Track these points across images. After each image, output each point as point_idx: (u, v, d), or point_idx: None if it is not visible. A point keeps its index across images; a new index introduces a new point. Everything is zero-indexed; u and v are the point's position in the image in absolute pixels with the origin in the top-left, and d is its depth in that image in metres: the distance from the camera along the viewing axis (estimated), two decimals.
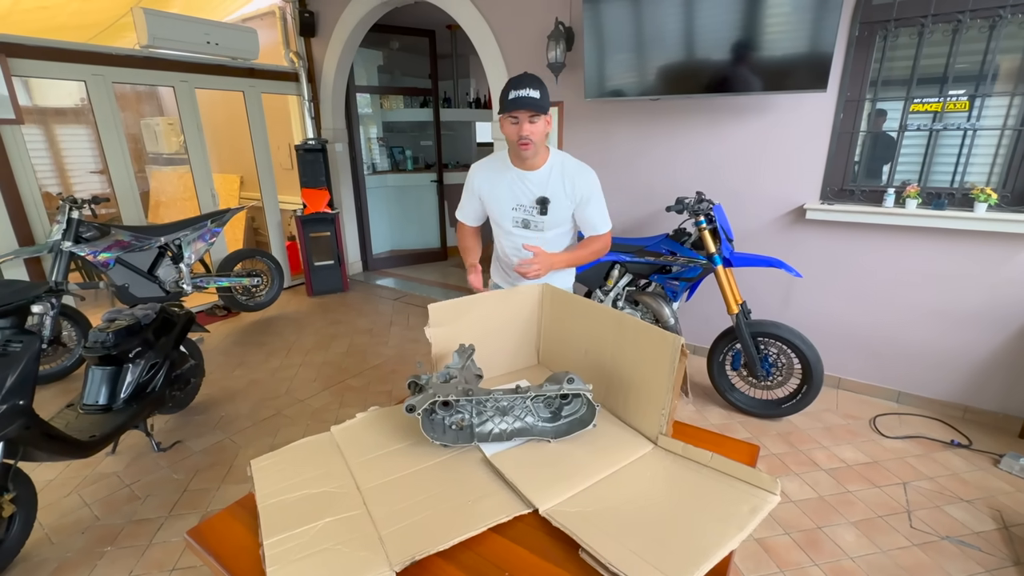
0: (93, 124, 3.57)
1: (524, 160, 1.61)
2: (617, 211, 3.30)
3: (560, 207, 1.64)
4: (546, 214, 1.64)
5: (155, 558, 1.76)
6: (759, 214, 2.86)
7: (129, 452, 2.35)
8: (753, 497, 0.87)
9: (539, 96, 1.48)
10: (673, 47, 2.65)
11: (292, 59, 4.53)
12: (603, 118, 3.21)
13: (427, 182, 5.61)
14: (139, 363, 2.19)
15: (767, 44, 2.43)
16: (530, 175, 1.63)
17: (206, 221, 3.62)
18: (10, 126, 3.13)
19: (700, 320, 3.13)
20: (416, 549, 0.80)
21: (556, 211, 1.64)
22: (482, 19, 3.50)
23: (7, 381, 1.55)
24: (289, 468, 1.01)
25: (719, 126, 2.86)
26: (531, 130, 1.51)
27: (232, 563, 0.82)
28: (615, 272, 2.78)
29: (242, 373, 3.14)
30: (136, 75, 3.70)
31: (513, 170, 1.65)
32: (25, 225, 3.26)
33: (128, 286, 3.25)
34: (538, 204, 1.63)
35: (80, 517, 1.96)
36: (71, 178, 5.52)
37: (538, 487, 0.93)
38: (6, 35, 3.08)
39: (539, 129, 1.53)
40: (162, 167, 5.58)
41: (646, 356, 1.07)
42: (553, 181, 1.63)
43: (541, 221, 1.66)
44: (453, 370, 1.12)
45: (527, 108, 1.47)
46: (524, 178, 1.64)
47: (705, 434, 1.17)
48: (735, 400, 2.60)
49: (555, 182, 1.63)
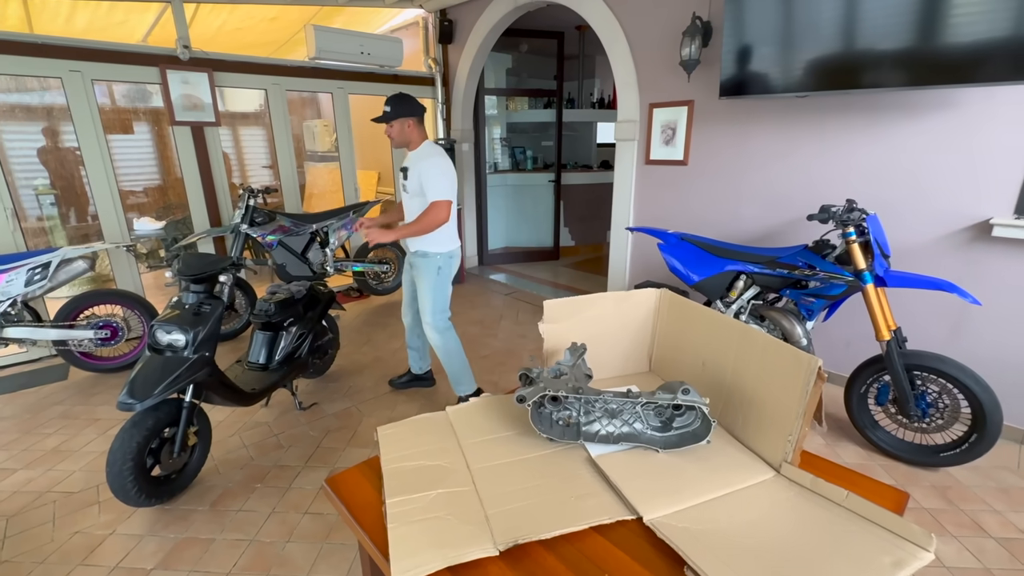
0: (268, 126, 4.20)
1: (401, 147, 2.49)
2: (745, 218, 3.06)
3: (413, 178, 2.37)
4: (407, 179, 2.41)
5: (292, 500, 2.04)
6: (925, 228, 2.45)
7: (278, 407, 2.74)
8: (898, 549, 0.76)
9: (385, 111, 2.35)
10: (829, 37, 2.37)
11: (430, 65, 4.90)
12: (737, 118, 2.99)
13: (544, 182, 5.69)
14: (291, 331, 2.54)
15: (954, 28, 2.06)
16: (409, 155, 2.45)
17: (349, 212, 4.07)
18: (211, 128, 3.82)
19: (838, 344, 2.77)
20: (519, 533, 0.83)
21: (411, 179, 2.38)
22: (613, 18, 3.46)
23: (200, 334, 1.91)
24: (409, 439, 1.11)
25: (880, 126, 2.50)
26: (389, 131, 2.40)
27: (359, 514, 0.93)
28: (739, 283, 2.58)
29: (369, 350, 3.49)
30: (304, 83, 4.28)
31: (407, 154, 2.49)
32: (215, 209, 3.96)
33: (285, 265, 3.78)
34: (402, 172, 2.45)
35: (239, 456, 2.33)
36: (248, 171, 6.56)
37: (644, 495, 0.91)
38: (213, 53, 3.76)
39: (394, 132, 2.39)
40: (316, 163, 6.37)
41: (774, 375, 0.99)
42: (414, 160, 2.39)
43: (406, 184, 2.43)
44: (564, 367, 1.14)
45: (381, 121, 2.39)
46: (407, 157, 2.47)
47: (839, 469, 1.05)
48: (877, 439, 2.27)
49: (415, 161, 2.37)
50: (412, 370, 2.91)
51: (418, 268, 2.48)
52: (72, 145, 4.37)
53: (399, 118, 2.34)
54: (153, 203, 5.76)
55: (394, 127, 2.35)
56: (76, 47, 3.24)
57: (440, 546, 0.81)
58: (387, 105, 2.34)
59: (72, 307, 2.99)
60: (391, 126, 2.35)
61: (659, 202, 3.52)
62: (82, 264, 3.02)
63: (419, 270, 2.47)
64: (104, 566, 1.74)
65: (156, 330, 1.90)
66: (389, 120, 2.35)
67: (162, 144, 5.78)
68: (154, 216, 5.31)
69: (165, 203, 5.68)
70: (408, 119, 2.35)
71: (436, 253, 2.43)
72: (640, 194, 3.62)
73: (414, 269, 2.52)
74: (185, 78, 3.62)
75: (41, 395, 2.92)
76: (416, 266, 2.49)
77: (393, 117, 2.34)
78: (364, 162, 6.10)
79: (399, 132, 2.36)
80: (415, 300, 2.66)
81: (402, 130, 2.36)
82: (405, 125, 2.36)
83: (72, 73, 3.25)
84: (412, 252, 2.50)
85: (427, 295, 2.47)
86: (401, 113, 2.33)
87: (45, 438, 2.49)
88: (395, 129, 2.36)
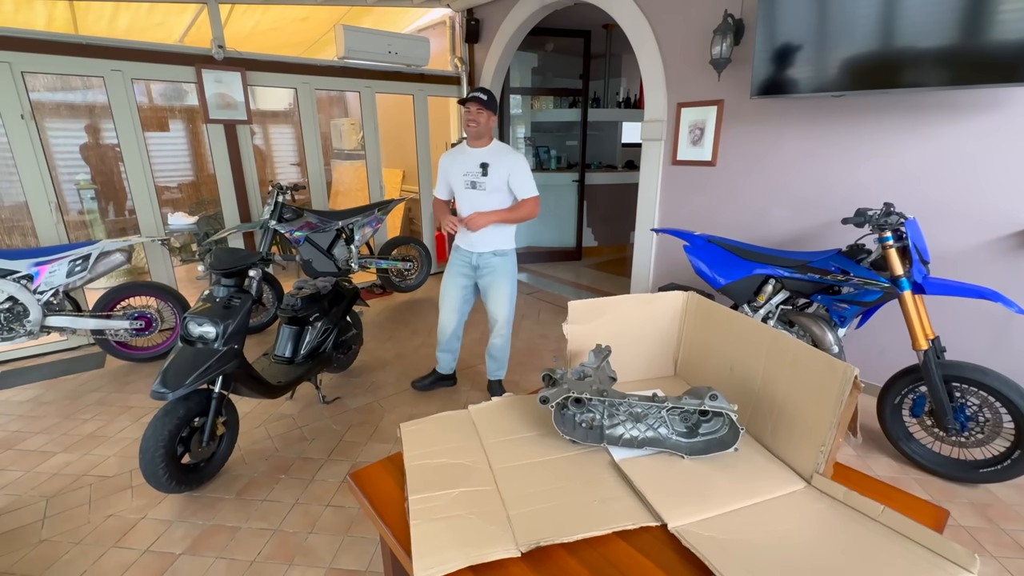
0: (297, 124, 4.29)
1: (474, 139, 2.40)
2: (776, 222, 2.99)
3: (496, 173, 2.36)
4: (487, 175, 2.37)
5: (315, 492, 2.08)
6: (968, 234, 2.35)
7: (302, 400, 2.80)
8: (938, 570, 0.72)
9: (486, 98, 2.33)
10: (868, 34, 2.29)
11: (456, 64, 4.92)
12: (768, 118, 2.92)
13: (568, 182, 5.66)
14: (317, 326, 2.59)
15: (1001, 24, 1.97)
16: (477, 151, 2.41)
17: (374, 209, 4.12)
18: (243, 126, 3.91)
19: (871, 352, 2.68)
20: (542, 535, 0.82)
21: (493, 175, 2.37)
22: (642, 16, 3.41)
23: (230, 327, 1.96)
24: (431, 436, 1.11)
25: (922, 127, 2.41)
26: (476, 117, 2.33)
27: (382, 509, 0.94)
28: (768, 288, 2.52)
29: (391, 346, 3.52)
30: (333, 82, 4.35)
31: (467, 151, 2.44)
32: (245, 205, 4.06)
33: (312, 261, 3.85)
34: (481, 167, 2.38)
35: (265, 447, 2.39)
36: (276, 168, 6.72)
37: (669, 501, 0.89)
38: (246, 53, 3.85)
39: (483, 119, 2.34)
40: (342, 161, 6.48)
41: (806, 383, 0.96)
42: (492, 155, 2.39)
43: (484, 181, 2.38)
44: (588, 369, 1.12)
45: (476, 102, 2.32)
46: (474, 153, 2.41)
47: (873, 483, 1.01)
48: (912, 452, 2.18)
49: (494, 156, 2.38)
50: (441, 371, 2.89)
51: (495, 269, 2.49)
52: (112, 142, 4.54)
53: (489, 111, 2.35)
54: (186, 199, 5.95)
55: (483, 115, 2.33)
56: (118, 47, 3.37)
57: (462, 545, 0.81)
58: (483, 95, 2.34)
59: (109, 298, 3.11)
60: (480, 113, 2.33)
61: (685, 203, 3.46)
62: (120, 257, 3.13)
63: (497, 271, 2.50)
64: (136, 549, 1.80)
65: (188, 322, 1.96)
66: (489, 108, 2.34)
67: (196, 142, 5.97)
68: (187, 211, 5.49)
69: (198, 199, 5.86)
70: (493, 116, 2.39)
71: (512, 249, 2.52)
72: (666, 195, 3.57)
73: (486, 271, 2.52)
74: (219, 77, 3.71)
75: (79, 382, 3.04)
76: (492, 267, 2.49)
77: (488, 107, 2.34)
78: (389, 160, 6.18)
79: (486, 123, 2.36)
80: (464, 304, 2.67)
81: (488, 122, 2.36)
82: (491, 120, 2.38)
83: (114, 72, 3.37)
84: (483, 253, 2.49)
85: (507, 295, 2.53)
86: (492, 108, 2.36)
87: (83, 423, 2.59)
88: (483, 117, 2.34)
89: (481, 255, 2.49)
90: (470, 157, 2.41)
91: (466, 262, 2.55)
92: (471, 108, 2.33)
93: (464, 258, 2.55)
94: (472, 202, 2.43)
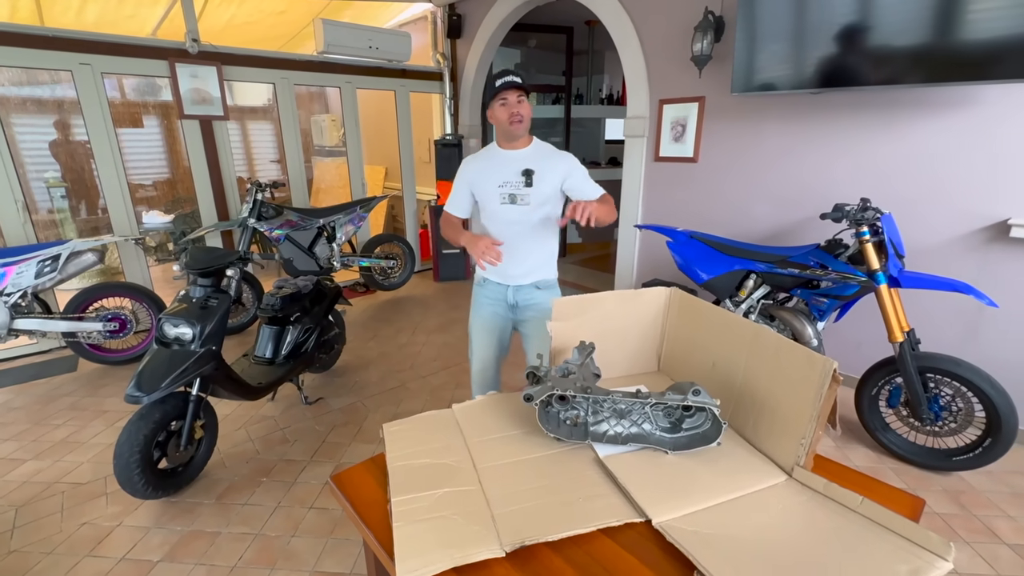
0: (276, 120, 4.20)
1: (514, 139, 1.75)
2: (757, 217, 3.03)
3: (545, 181, 1.73)
4: (531, 185, 1.72)
5: (298, 495, 2.05)
6: (941, 228, 2.41)
7: (284, 401, 2.75)
8: (915, 558, 0.74)
9: (522, 80, 1.67)
10: (845, 32, 2.33)
11: (438, 59, 4.87)
12: (748, 115, 2.95)
13: None
14: (298, 326, 2.54)
15: (973, 24, 2.02)
16: (515, 154, 1.77)
17: (356, 207, 4.07)
18: (220, 122, 3.82)
19: (849, 345, 2.74)
20: (526, 534, 0.82)
21: (541, 184, 1.73)
22: (624, 13, 3.42)
23: (207, 328, 1.91)
24: (415, 436, 1.10)
25: (896, 124, 2.46)
26: (519, 108, 1.67)
27: (364, 511, 0.92)
28: (749, 282, 2.55)
29: (374, 345, 3.49)
30: (313, 78, 4.27)
31: (500, 153, 1.79)
32: (223, 203, 3.97)
33: (293, 259, 3.79)
34: (524, 176, 1.73)
35: (246, 450, 2.34)
36: (255, 165, 6.58)
37: (653, 497, 0.89)
38: (222, 46, 3.75)
39: (526, 109, 1.69)
40: (323, 158, 6.38)
41: (787, 377, 0.97)
42: (537, 159, 1.75)
43: (527, 193, 1.73)
44: (572, 366, 1.12)
45: (515, 88, 1.65)
46: (510, 157, 1.77)
47: (852, 474, 1.03)
48: (888, 442, 2.24)
49: (539, 159, 1.75)
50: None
51: (540, 306, 1.82)
52: (83, 139, 4.39)
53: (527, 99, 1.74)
54: (162, 197, 5.80)
55: (525, 106, 1.70)
56: (86, 40, 3.25)
57: (446, 546, 0.80)
58: (517, 77, 1.69)
59: (81, 299, 3.01)
60: (522, 103, 1.69)
61: (668, 199, 3.49)
62: (91, 257, 3.03)
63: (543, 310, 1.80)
64: (111, 557, 1.75)
65: (164, 324, 1.91)
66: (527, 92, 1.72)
67: (171, 138, 5.82)
68: (163, 209, 5.35)
69: (174, 197, 5.71)
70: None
71: (556, 279, 1.91)
72: (649, 191, 3.59)
73: (528, 311, 1.84)
74: (194, 72, 3.62)
75: (51, 386, 2.95)
76: (536, 304, 1.83)
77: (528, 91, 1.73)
78: (371, 157, 6.09)
79: (529, 116, 1.72)
80: (501, 354, 1.98)
81: (530, 114, 1.73)
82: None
83: (82, 66, 3.26)
84: (522, 286, 1.83)
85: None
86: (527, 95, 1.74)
87: (54, 429, 2.51)
88: (527, 108, 1.70)
89: (519, 289, 1.83)
90: (507, 163, 1.75)
91: (500, 299, 1.87)
92: (509, 97, 1.66)
93: (497, 294, 1.87)
94: (510, 222, 1.77)
